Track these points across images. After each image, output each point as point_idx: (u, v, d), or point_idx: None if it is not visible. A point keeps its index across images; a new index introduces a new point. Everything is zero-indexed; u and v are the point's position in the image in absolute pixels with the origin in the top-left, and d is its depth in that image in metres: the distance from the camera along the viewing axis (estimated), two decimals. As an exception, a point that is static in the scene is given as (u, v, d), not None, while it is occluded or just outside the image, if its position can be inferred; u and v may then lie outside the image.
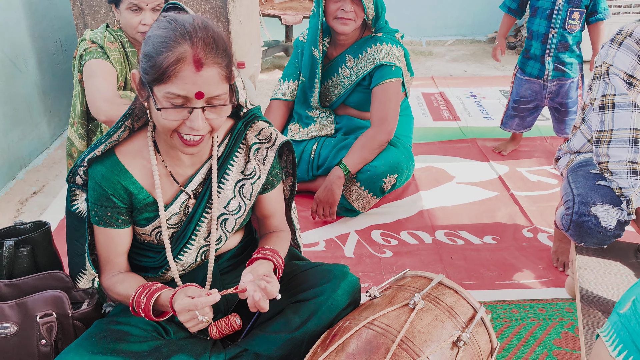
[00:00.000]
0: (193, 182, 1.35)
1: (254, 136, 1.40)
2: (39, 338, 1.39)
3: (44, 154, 2.77)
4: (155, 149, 1.31)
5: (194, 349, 1.34)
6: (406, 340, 1.18)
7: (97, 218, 1.31)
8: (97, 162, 1.30)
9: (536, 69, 2.51)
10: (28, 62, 2.68)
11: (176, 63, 1.10)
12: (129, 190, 1.30)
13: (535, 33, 2.46)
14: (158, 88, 1.14)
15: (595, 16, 2.39)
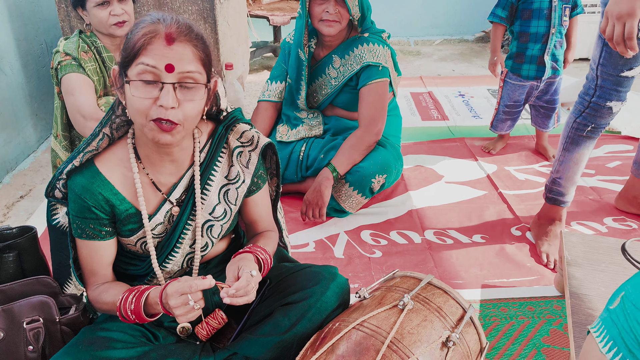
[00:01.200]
0: (176, 190, 1.33)
1: (236, 139, 1.38)
2: (26, 344, 1.37)
3: (30, 158, 2.75)
4: (137, 157, 1.29)
5: (183, 353, 1.33)
6: (396, 342, 1.18)
7: (79, 231, 1.28)
8: (77, 174, 1.27)
9: (533, 71, 2.51)
10: (13, 65, 2.65)
11: (148, 35, 1.12)
12: (111, 201, 1.27)
13: (533, 35, 2.44)
14: (131, 69, 1.14)
15: (576, 10, 2.44)
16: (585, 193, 2.44)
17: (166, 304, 1.17)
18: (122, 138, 1.32)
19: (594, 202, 2.36)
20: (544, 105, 2.64)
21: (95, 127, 1.95)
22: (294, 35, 2.30)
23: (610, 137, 3.02)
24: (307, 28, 2.20)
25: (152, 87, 1.13)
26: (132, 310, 1.21)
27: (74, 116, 2.02)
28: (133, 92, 1.13)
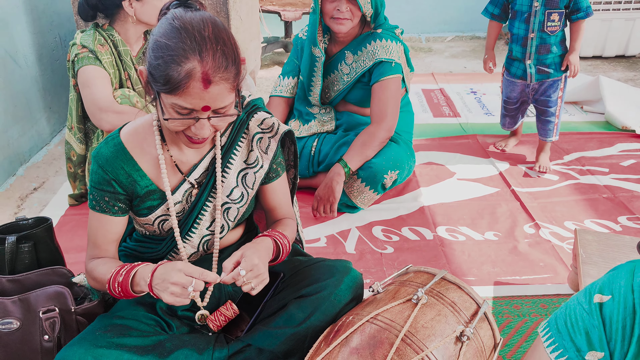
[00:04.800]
0: (196, 171, 1.35)
1: (257, 126, 1.40)
2: (41, 334, 1.39)
3: (43, 150, 2.77)
4: (161, 137, 1.31)
5: (198, 343, 1.34)
6: (410, 335, 1.18)
7: (94, 202, 1.31)
8: (103, 146, 1.30)
9: (520, 70, 2.47)
10: (28, 58, 2.67)
11: (185, 79, 1.10)
12: (132, 177, 1.30)
13: (515, 36, 2.41)
14: (165, 96, 1.14)
15: (577, 14, 2.31)
16: (599, 191, 2.42)
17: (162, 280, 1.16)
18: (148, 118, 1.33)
19: (607, 201, 2.34)
20: (537, 107, 2.56)
21: (111, 119, 1.99)
22: (307, 31, 2.30)
23: (625, 135, 2.99)
24: (320, 24, 2.20)
25: (187, 119, 1.15)
26: (120, 283, 1.21)
27: (90, 108, 2.04)
28: (166, 116, 1.16)
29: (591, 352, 0.80)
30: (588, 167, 2.63)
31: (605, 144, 2.90)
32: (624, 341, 0.78)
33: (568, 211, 2.26)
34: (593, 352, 0.80)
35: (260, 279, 1.24)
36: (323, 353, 1.19)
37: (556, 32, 2.31)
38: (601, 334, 0.80)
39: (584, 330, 0.81)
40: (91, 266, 1.34)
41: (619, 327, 0.78)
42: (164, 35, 1.13)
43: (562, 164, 2.70)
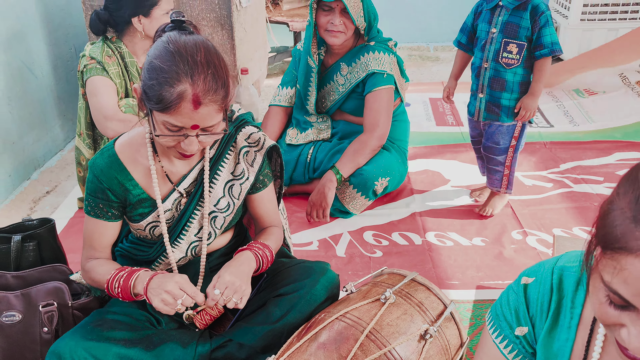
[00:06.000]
0: (185, 181, 1.44)
1: (244, 140, 1.49)
2: (41, 326, 1.50)
3: (57, 156, 2.91)
4: (153, 149, 1.41)
5: (183, 338, 1.44)
6: (374, 332, 1.25)
7: (89, 208, 1.41)
8: (98, 157, 1.40)
9: (473, 107, 2.19)
10: (43, 69, 2.82)
11: (177, 100, 1.19)
12: (125, 186, 1.40)
13: (473, 65, 2.16)
14: (157, 114, 1.24)
15: (539, 51, 1.98)
16: (591, 199, 2.46)
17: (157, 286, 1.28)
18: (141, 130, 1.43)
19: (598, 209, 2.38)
20: (484, 153, 2.25)
21: (115, 126, 2.11)
22: (303, 42, 2.40)
23: (623, 144, 3.02)
24: (315, 36, 2.30)
25: (177, 136, 1.25)
26: (121, 286, 1.33)
27: (96, 116, 2.16)
28: (158, 133, 1.26)
29: (519, 327, 0.90)
30: (583, 176, 2.67)
31: (603, 153, 2.92)
32: (542, 316, 0.87)
33: (558, 219, 2.30)
34: (520, 327, 0.90)
35: (240, 292, 1.33)
36: (293, 347, 1.27)
37: (513, 67, 2.02)
38: (525, 311, 0.89)
39: (514, 309, 0.91)
40: (88, 267, 1.45)
41: (539, 304, 0.88)
42: (159, 58, 1.23)
43: (558, 172, 2.73)
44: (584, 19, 3.94)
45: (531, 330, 0.89)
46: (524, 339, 0.90)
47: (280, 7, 4.20)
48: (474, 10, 2.11)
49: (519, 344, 0.91)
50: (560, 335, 0.87)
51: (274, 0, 4.21)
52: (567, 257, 0.90)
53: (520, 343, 0.91)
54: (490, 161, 2.21)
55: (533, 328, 0.89)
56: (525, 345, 0.91)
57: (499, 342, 0.92)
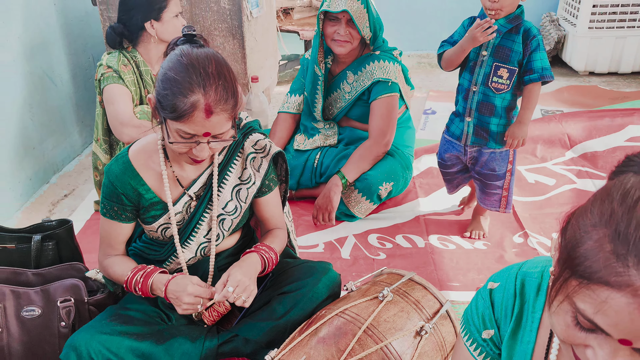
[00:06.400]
0: (195, 185, 1.53)
1: (251, 146, 1.57)
2: (59, 320, 1.60)
3: (75, 161, 3.03)
4: (165, 155, 1.50)
5: (191, 333, 1.52)
6: (372, 328, 1.32)
7: (104, 210, 1.50)
8: (114, 164, 1.49)
9: (459, 129, 2.06)
10: (63, 77, 2.94)
11: (190, 110, 1.28)
12: (138, 190, 1.49)
13: (460, 87, 2.04)
14: (171, 122, 1.33)
15: (529, 76, 1.87)
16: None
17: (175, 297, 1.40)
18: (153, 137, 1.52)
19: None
20: (479, 179, 2.14)
21: (130, 132, 2.21)
22: (311, 51, 2.48)
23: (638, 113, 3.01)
24: (322, 46, 2.38)
25: (189, 142, 1.34)
26: (140, 288, 1.44)
27: (113, 122, 2.26)
28: (171, 140, 1.35)
29: (485, 330, 0.95)
30: (587, 169, 2.70)
31: (614, 128, 2.92)
32: (506, 319, 0.93)
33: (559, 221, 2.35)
34: (487, 330, 0.95)
35: (249, 291, 1.42)
36: (295, 342, 1.34)
37: (503, 92, 1.91)
38: (491, 314, 0.95)
39: (481, 313, 0.97)
40: (106, 264, 1.54)
41: (503, 308, 0.94)
42: (173, 70, 1.31)
43: (562, 162, 2.77)
44: (592, 27, 3.97)
45: (497, 332, 0.95)
46: (490, 341, 0.96)
47: (291, 16, 4.30)
48: (465, 24, 1.95)
49: (487, 347, 0.97)
50: (523, 337, 0.93)
51: (285, 10, 4.31)
52: (530, 263, 0.95)
53: (488, 345, 0.96)
54: (486, 186, 2.12)
55: (498, 330, 0.95)
56: (492, 347, 0.96)
57: (469, 345, 0.98)
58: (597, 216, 0.70)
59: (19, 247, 1.72)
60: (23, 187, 2.59)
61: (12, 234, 1.73)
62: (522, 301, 0.93)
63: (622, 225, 0.66)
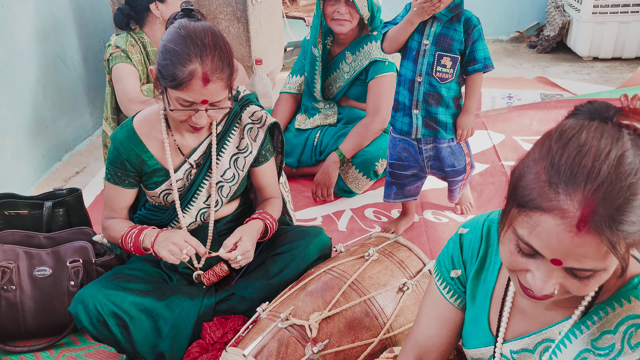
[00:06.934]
0: (195, 153, 1.62)
1: (248, 117, 1.66)
2: (68, 280, 1.71)
3: (86, 141, 3.15)
4: (167, 125, 1.60)
5: (191, 292, 1.62)
6: (357, 283, 1.41)
7: (109, 176, 1.60)
8: (119, 131, 1.59)
9: (405, 124, 1.98)
10: (74, 60, 3.05)
11: (188, 78, 1.37)
12: (141, 157, 1.58)
13: (402, 77, 1.94)
14: (171, 91, 1.42)
15: (473, 66, 1.85)
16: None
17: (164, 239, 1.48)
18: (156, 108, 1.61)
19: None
20: (436, 173, 2.10)
21: (138, 108, 2.31)
22: (310, 33, 2.56)
23: None
24: (321, 27, 2.46)
25: (188, 110, 1.43)
26: (132, 240, 1.53)
27: (121, 99, 2.36)
28: (171, 108, 1.44)
29: (454, 270, 1.04)
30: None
31: None
32: (472, 261, 1.02)
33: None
34: (454, 270, 1.04)
35: (248, 259, 1.53)
36: (285, 296, 1.44)
37: (448, 81, 1.87)
38: (459, 256, 1.04)
39: (451, 255, 1.06)
40: (107, 224, 1.64)
41: (470, 250, 1.03)
42: (172, 41, 1.41)
43: None
44: (596, 12, 3.99)
45: (464, 272, 1.05)
46: (458, 280, 1.05)
47: (297, 3, 4.38)
48: (407, 8, 1.87)
49: (454, 285, 1.06)
50: (486, 277, 1.02)
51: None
52: (497, 212, 1.03)
53: (455, 284, 1.06)
54: (451, 184, 2.11)
55: (465, 270, 1.04)
56: (459, 285, 1.06)
57: (439, 285, 1.07)
58: (538, 153, 0.79)
59: (32, 213, 1.84)
60: (37, 164, 2.72)
61: (25, 201, 1.85)
62: (487, 245, 1.02)
63: (556, 158, 0.76)
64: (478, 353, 1.03)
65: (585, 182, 0.72)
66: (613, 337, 0.84)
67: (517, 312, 0.98)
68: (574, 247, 0.73)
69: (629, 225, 0.72)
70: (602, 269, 0.76)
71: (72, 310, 1.51)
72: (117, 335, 1.51)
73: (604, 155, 0.73)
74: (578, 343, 0.87)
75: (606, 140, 0.74)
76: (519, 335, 0.97)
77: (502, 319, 0.99)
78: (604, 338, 0.84)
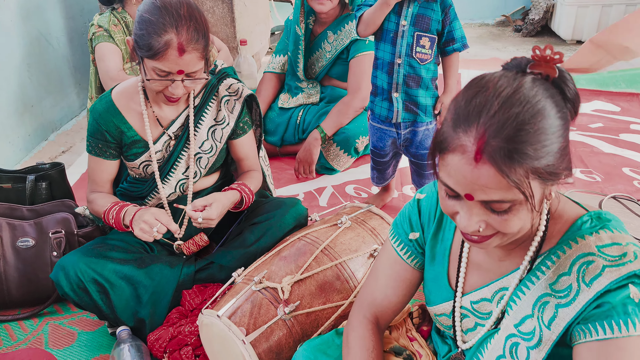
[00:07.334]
0: (174, 125, 1.66)
1: (225, 90, 1.70)
2: (51, 250, 1.75)
3: (73, 121, 3.17)
4: (145, 96, 1.63)
5: (171, 261, 1.66)
6: (329, 248, 1.46)
7: (90, 148, 1.63)
8: (97, 103, 1.62)
9: (385, 109, 1.94)
10: (60, 40, 3.06)
11: (163, 48, 1.40)
12: (120, 128, 1.62)
13: (380, 61, 1.90)
14: (147, 61, 1.45)
15: (452, 46, 1.84)
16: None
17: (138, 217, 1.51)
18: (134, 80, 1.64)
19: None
20: (414, 161, 2.08)
21: None
22: (293, 12, 2.59)
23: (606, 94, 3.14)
24: (303, 6, 2.49)
25: (165, 80, 1.46)
26: (114, 217, 1.56)
27: (104, 77, 2.39)
28: (148, 78, 1.47)
29: (412, 232, 1.09)
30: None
31: (583, 99, 3.05)
32: (429, 223, 1.07)
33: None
34: (413, 233, 1.09)
35: (209, 225, 1.56)
36: (260, 261, 1.49)
37: (427, 62, 1.85)
38: (417, 220, 1.09)
39: (409, 218, 1.10)
40: (91, 198, 1.68)
41: (427, 213, 1.08)
42: (148, 12, 1.44)
43: None
44: (580, -5, 4.04)
45: (421, 234, 1.10)
46: (415, 242, 1.11)
47: (284, -15, 4.39)
48: None
49: (412, 247, 1.11)
50: (443, 236, 1.08)
51: (279, -21, 4.40)
52: None
53: (413, 246, 1.11)
54: (422, 167, 2.06)
55: (423, 233, 1.10)
56: (416, 246, 1.11)
57: (397, 246, 1.13)
58: (453, 102, 0.86)
59: (15, 187, 1.87)
60: (23, 143, 2.74)
61: (8, 175, 1.88)
62: None
63: (460, 102, 0.83)
64: (441, 309, 1.08)
65: (478, 117, 0.79)
66: (569, 278, 0.88)
67: (474, 267, 1.03)
68: (476, 179, 0.79)
69: (520, 154, 0.77)
70: (510, 200, 0.81)
71: (53, 277, 1.55)
72: (97, 301, 1.55)
73: (498, 93, 0.79)
74: (536, 289, 0.92)
75: (504, 81, 0.81)
76: (477, 287, 1.02)
77: (459, 274, 1.04)
78: (560, 280, 0.89)
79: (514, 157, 0.77)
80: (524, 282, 0.94)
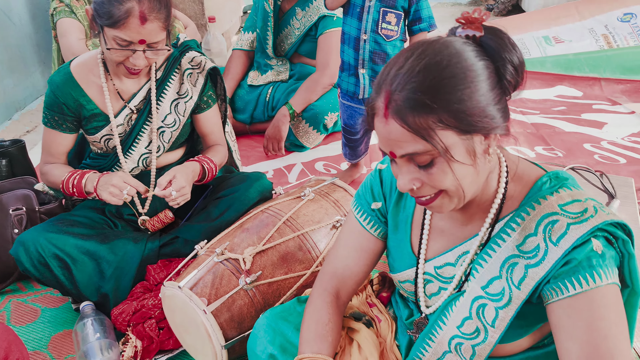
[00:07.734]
0: (135, 98, 1.63)
1: (187, 63, 1.68)
2: (12, 227, 1.72)
3: (37, 101, 3.10)
4: (105, 69, 1.60)
5: (135, 236, 1.65)
6: (291, 220, 1.47)
7: (46, 120, 1.60)
8: (55, 75, 1.59)
9: (352, 84, 1.93)
10: (22, 17, 2.98)
11: (125, 16, 1.38)
12: (79, 101, 1.59)
13: (347, 36, 1.89)
14: (108, 30, 1.42)
15: (418, 25, 1.83)
16: (524, 127, 2.67)
17: (105, 182, 1.49)
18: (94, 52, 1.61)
19: (530, 135, 2.59)
20: None
21: None
22: (262, -12, 2.56)
23: (569, 78, 3.19)
24: (271, -19, 2.46)
25: (126, 50, 1.43)
26: (75, 185, 1.54)
27: (66, 54, 2.34)
28: (108, 47, 1.44)
29: (374, 202, 1.10)
30: (521, 109, 2.87)
31: (546, 84, 3.11)
32: (391, 193, 1.08)
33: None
34: (375, 202, 1.10)
35: (185, 197, 1.55)
36: (223, 234, 1.48)
37: (393, 39, 1.84)
38: (379, 190, 1.10)
39: (371, 188, 1.11)
40: (45, 170, 1.65)
41: (389, 183, 1.09)
42: None
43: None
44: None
45: (384, 204, 1.11)
46: (378, 211, 1.12)
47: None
48: None
49: (375, 216, 1.12)
50: (405, 204, 1.09)
51: (250, -43, 4.33)
52: None
53: (376, 215, 1.12)
54: None
55: (385, 202, 1.11)
56: (379, 216, 1.12)
57: (360, 217, 1.13)
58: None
59: (-26, 164, 1.83)
60: (-15, 122, 2.68)
61: (-33, 152, 1.84)
62: None
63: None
64: (404, 276, 1.09)
65: (387, 76, 0.84)
66: (536, 239, 0.89)
67: (436, 233, 1.04)
68: (389, 134, 0.84)
69: (422, 105, 0.80)
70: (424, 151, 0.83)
71: (13, 253, 1.53)
72: (59, 277, 1.53)
73: (411, 53, 0.84)
74: (502, 250, 0.93)
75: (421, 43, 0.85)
76: (440, 252, 1.03)
77: (422, 240, 1.05)
78: (528, 241, 0.90)
79: (416, 108, 0.81)
80: (489, 245, 0.95)
